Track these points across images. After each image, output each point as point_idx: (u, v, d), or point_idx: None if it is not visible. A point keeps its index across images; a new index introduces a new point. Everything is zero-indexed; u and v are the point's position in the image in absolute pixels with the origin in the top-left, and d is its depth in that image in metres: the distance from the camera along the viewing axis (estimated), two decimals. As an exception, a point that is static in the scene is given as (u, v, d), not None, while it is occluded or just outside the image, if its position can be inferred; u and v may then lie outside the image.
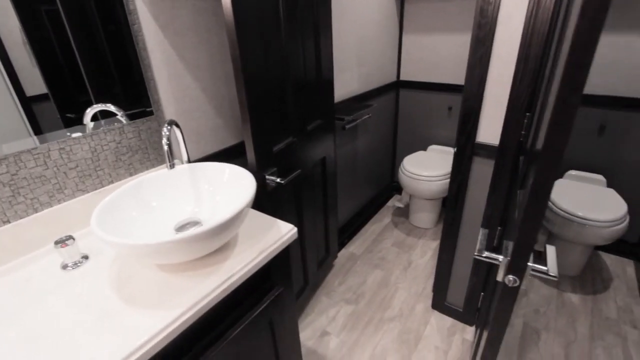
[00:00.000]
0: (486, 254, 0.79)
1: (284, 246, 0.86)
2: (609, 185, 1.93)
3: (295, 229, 0.89)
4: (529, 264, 0.74)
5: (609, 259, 2.00)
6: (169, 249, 0.66)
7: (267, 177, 1.17)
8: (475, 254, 0.80)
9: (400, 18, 2.25)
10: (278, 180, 1.18)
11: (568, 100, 0.54)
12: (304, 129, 1.38)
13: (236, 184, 0.87)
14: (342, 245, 2.15)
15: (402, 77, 2.41)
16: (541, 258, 0.74)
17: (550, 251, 0.81)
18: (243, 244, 0.83)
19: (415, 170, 2.08)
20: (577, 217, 1.63)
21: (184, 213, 0.89)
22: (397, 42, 2.30)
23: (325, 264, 1.84)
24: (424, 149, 2.50)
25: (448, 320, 1.63)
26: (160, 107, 1.06)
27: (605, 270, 1.92)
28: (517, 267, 0.70)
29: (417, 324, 1.62)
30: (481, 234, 0.86)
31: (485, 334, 0.95)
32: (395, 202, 2.66)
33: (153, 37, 1.01)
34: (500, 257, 0.74)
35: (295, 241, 1.50)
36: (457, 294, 1.60)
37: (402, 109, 2.51)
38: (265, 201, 1.19)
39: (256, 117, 1.08)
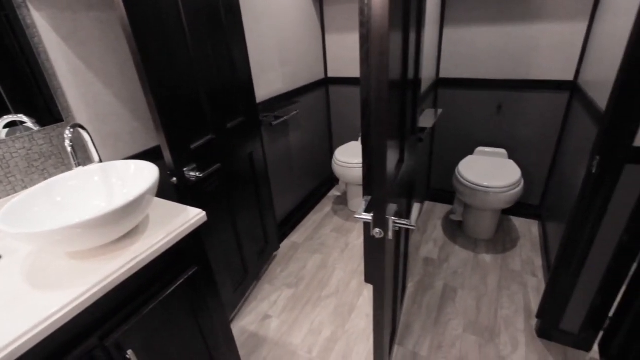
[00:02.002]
0: (363, 215, 0.93)
1: (192, 229, 0.96)
2: (510, 157, 2.21)
3: (203, 213, 0.99)
4: (392, 217, 0.90)
5: (518, 221, 2.29)
6: (72, 234, 0.73)
7: (186, 172, 1.26)
8: (355, 215, 0.94)
9: (321, 19, 2.41)
10: (197, 174, 1.27)
11: (382, 82, 0.69)
12: (224, 126, 1.48)
13: (141, 176, 0.95)
14: (284, 236, 2.27)
15: (330, 74, 2.58)
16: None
17: (415, 208, 0.98)
18: (152, 229, 0.91)
19: (346, 159, 2.24)
20: (481, 186, 1.86)
21: (96, 208, 0.96)
22: (321, 42, 2.46)
23: (265, 254, 1.94)
24: (356, 139, 2.68)
25: (379, 291, 1.80)
26: (70, 113, 1.12)
27: (514, 231, 2.19)
28: (379, 221, 0.86)
29: (352, 298, 1.77)
30: (363, 200, 1.01)
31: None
32: (334, 191, 2.83)
33: (55, 48, 1.06)
34: (370, 216, 0.89)
35: (230, 234, 1.60)
36: (384, 266, 1.77)
37: (333, 104, 2.68)
38: (187, 194, 1.28)
39: (168, 118, 1.17)
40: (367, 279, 1.85)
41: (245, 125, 1.63)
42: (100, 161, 1.06)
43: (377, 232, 0.87)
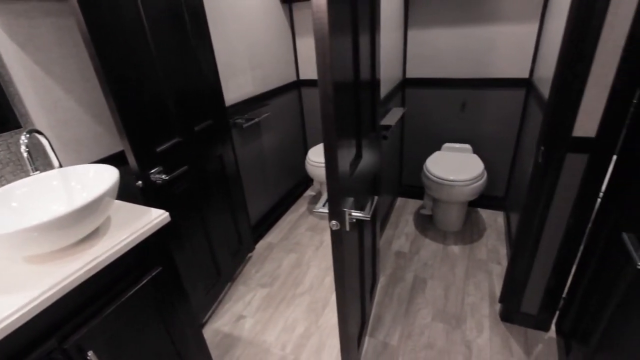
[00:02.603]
0: (320, 209, 0.97)
1: (154, 229, 0.97)
2: (475, 151, 2.31)
3: (166, 214, 1.00)
4: (347, 209, 0.94)
5: (485, 213, 2.39)
6: (29, 238, 0.74)
7: (151, 175, 1.27)
8: (314, 210, 0.98)
9: (291, 23, 2.45)
10: (163, 177, 1.29)
11: (326, 82, 0.73)
12: (191, 130, 1.49)
13: (101, 179, 0.96)
14: (260, 236, 2.29)
15: (302, 77, 2.62)
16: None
17: (372, 201, 1.02)
18: (113, 231, 0.92)
19: (318, 159, 2.29)
20: (446, 180, 1.94)
21: (55, 212, 0.96)
22: (292, 45, 2.50)
23: (239, 255, 1.96)
24: (330, 139, 2.73)
25: (352, 286, 1.85)
26: (29, 119, 1.11)
27: (482, 222, 2.29)
28: (334, 213, 0.90)
29: (325, 294, 1.81)
30: (323, 196, 1.05)
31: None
32: (309, 191, 2.86)
33: (11, 55, 1.06)
34: (326, 209, 0.93)
35: (201, 236, 1.61)
36: (356, 261, 1.82)
37: (306, 105, 2.72)
38: (154, 197, 1.29)
39: (131, 122, 1.17)
40: (341, 275, 1.89)
41: (213, 128, 1.65)
42: (60, 166, 1.06)
43: (333, 224, 0.91)
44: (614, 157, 1.13)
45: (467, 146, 2.27)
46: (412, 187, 2.64)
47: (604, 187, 1.18)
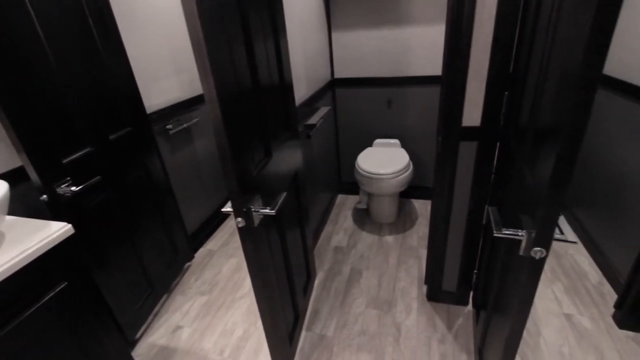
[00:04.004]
0: (228, 208, 0.99)
1: (54, 243, 0.93)
2: (403, 146, 2.45)
3: (68, 226, 0.97)
4: (253, 206, 0.97)
5: (417, 203, 2.55)
6: None
7: (57, 188, 1.21)
8: (222, 209, 1.00)
9: (218, 27, 2.44)
10: (72, 189, 1.23)
11: (209, 84, 0.76)
12: (105, 138, 1.44)
13: (-13, 196, 0.91)
14: (200, 244, 2.25)
15: (235, 81, 2.61)
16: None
17: (280, 197, 1.06)
18: (6, 248, 0.87)
19: (254, 162, 2.30)
20: (375, 174, 2.05)
21: None
22: (221, 49, 2.49)
23: (175, 266, 1.91)
24: (268, 142, 2.75)
25: (291, 283, 1.88)
26: None
27: (414, 212, 2.44)
28: (238, 210, 0.92)
29: (265, 294, 1.82)
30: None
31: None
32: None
33: None
34: (230, 208, 0.96)
35: (127, 249, 1.55)
36: (293, 259, 1.86)
37: (242, 110, 2.72)
38: (63, 210, 1.23)
39: (28, 134, 1.12)
40: (280, 274, 1.92)
41: (133, 136, 1.60)
42: (-58, 185, 0.98)
43: (238, 221, 0.94)
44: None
45: (396, 141, 2.41)
46: (351, 184, 2.74)
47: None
